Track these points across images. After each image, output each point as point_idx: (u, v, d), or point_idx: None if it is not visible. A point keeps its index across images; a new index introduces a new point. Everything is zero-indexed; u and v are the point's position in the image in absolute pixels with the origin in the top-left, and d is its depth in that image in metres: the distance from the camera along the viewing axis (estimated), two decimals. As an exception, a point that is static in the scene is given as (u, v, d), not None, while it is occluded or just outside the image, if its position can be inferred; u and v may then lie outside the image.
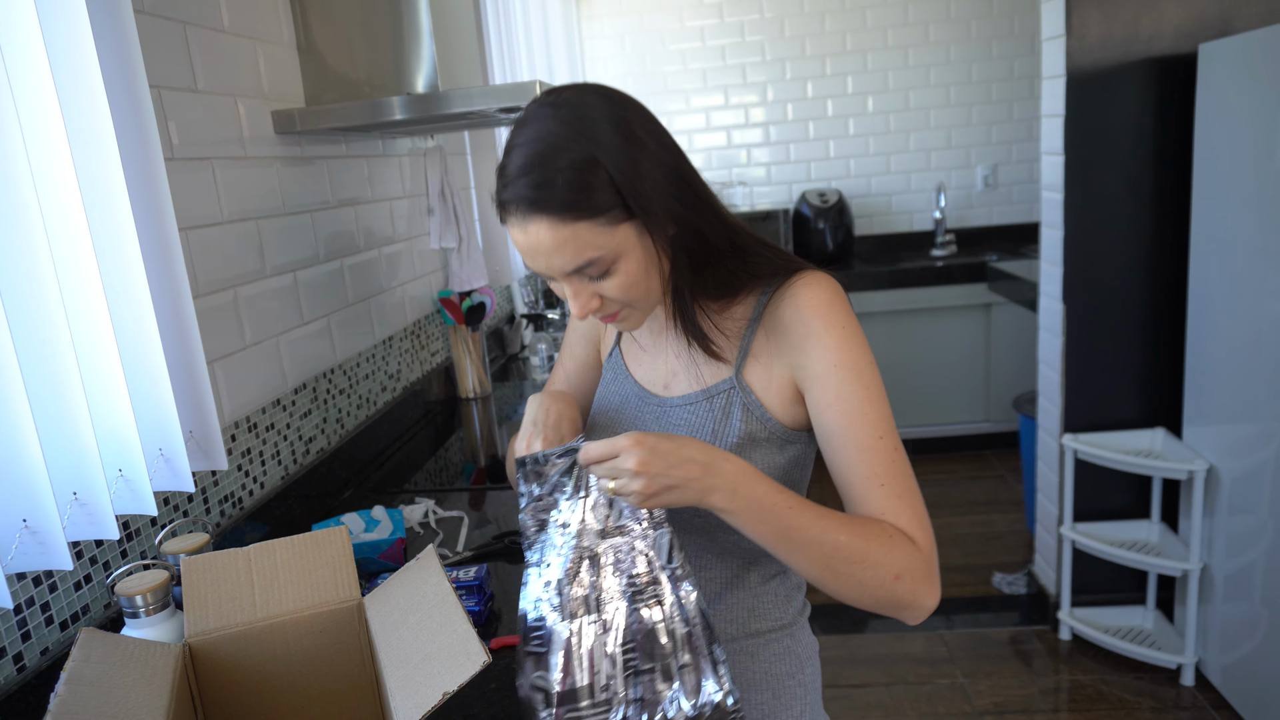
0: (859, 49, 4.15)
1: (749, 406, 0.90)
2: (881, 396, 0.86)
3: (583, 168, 0.77)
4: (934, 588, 0.83)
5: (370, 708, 0.96)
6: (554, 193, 0.77)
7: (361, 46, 1.67)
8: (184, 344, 1.03)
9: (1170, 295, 2.42)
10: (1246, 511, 2.09)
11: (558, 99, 0.81)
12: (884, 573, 0.80)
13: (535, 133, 0.79)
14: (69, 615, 1.01)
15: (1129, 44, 2.31)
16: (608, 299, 0.85)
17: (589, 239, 0.79)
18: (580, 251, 0.80)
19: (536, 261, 0.82)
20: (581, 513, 0.84)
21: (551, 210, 0.77)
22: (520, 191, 0.78)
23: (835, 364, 0.86)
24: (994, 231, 4.27)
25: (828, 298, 0.88)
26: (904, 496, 0.85)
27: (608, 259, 0.81)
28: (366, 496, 1.65)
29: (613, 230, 0.80)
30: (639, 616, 0.81)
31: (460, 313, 2.24)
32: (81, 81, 0.87)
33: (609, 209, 0.79)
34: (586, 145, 0.78)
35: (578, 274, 0.82)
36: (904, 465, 0.86)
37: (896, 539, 0.82)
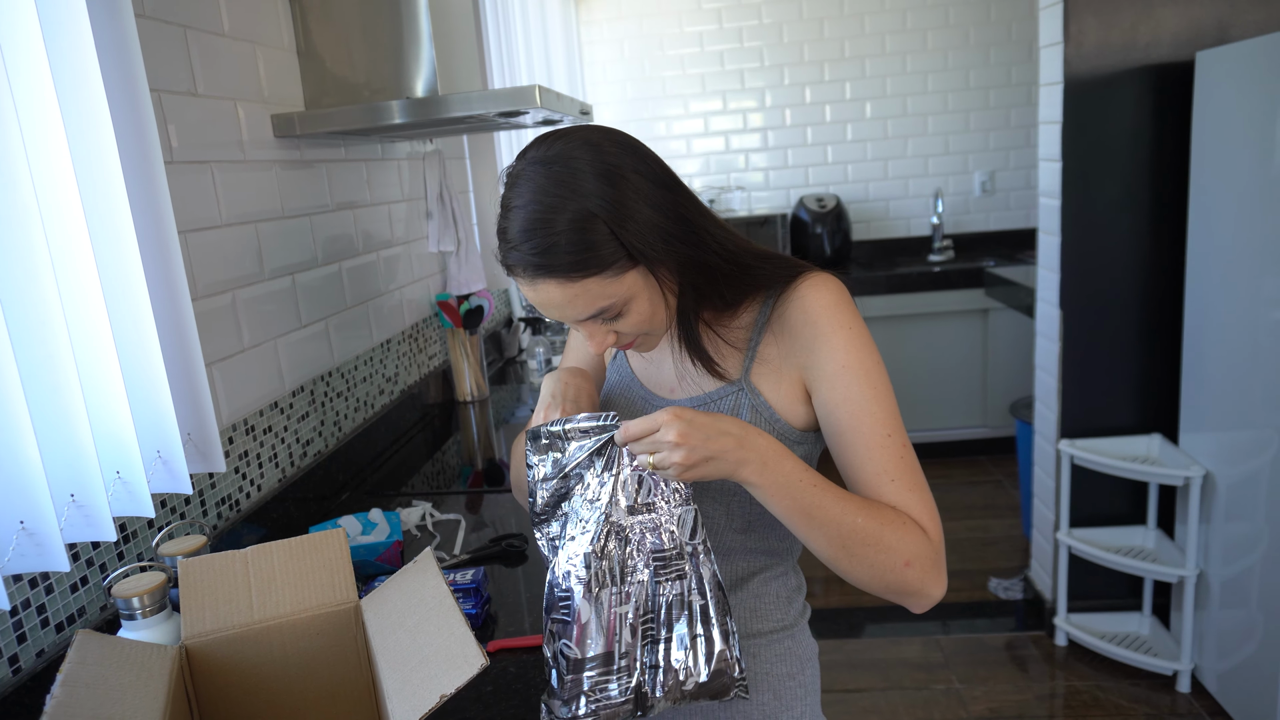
0: (857, 55, 4.16)
1: (757, 408, 0.91)
2: (888, 394, 0.88)
3: (581, 226, 0.78)
4: (941, 578, 0.86)
5: (367, 710, 0.96)
6: (558, 256, 0.78)
7: (361, 50, 1.67)
8: (182, 346, 1.04)
9: (1167, 302, 2.43)
10: (1242, 518, 2.10)
11: (547, 153, 0.81)
12: (896, 558, 0.82)
13: (529, 194, 0.80)
14: (65, 617, 1.01)
15: (1127, 51, 2.32)
16: (622, 334, 0.88)
17: (598, 291, 0.81)
18: (591, 303, 0.82)
19: (550, 312, 0.85)
20: (612, 489, 0.86)
21: (558, 272, 0.79)
22: (525, 257, 0.80)
23: (843, 365, 0.88)
24: (991, 237, 4.28)
25: (834, 298, 0.89)
26: (914, 490, 0.87)
27: (619, 305, 0.83)
28: (364, 499, 1.65)
29: (620, 279, 0.81)
30: (660, 589, 0.86)
31: (458, 316, 2.25)
32: (82, 84, 0.88)
33: (614, 261, 0.80)
34: (581, 201, 0.78)
35: (591, 320, 0.85)
36: (912, 460, 0.88)
37: (910, 527, 0.84)
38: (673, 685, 0.85)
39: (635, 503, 0.86)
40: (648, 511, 0.86)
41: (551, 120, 1.93)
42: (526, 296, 0.85)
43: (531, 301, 0.85)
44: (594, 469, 0.86)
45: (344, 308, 1.79)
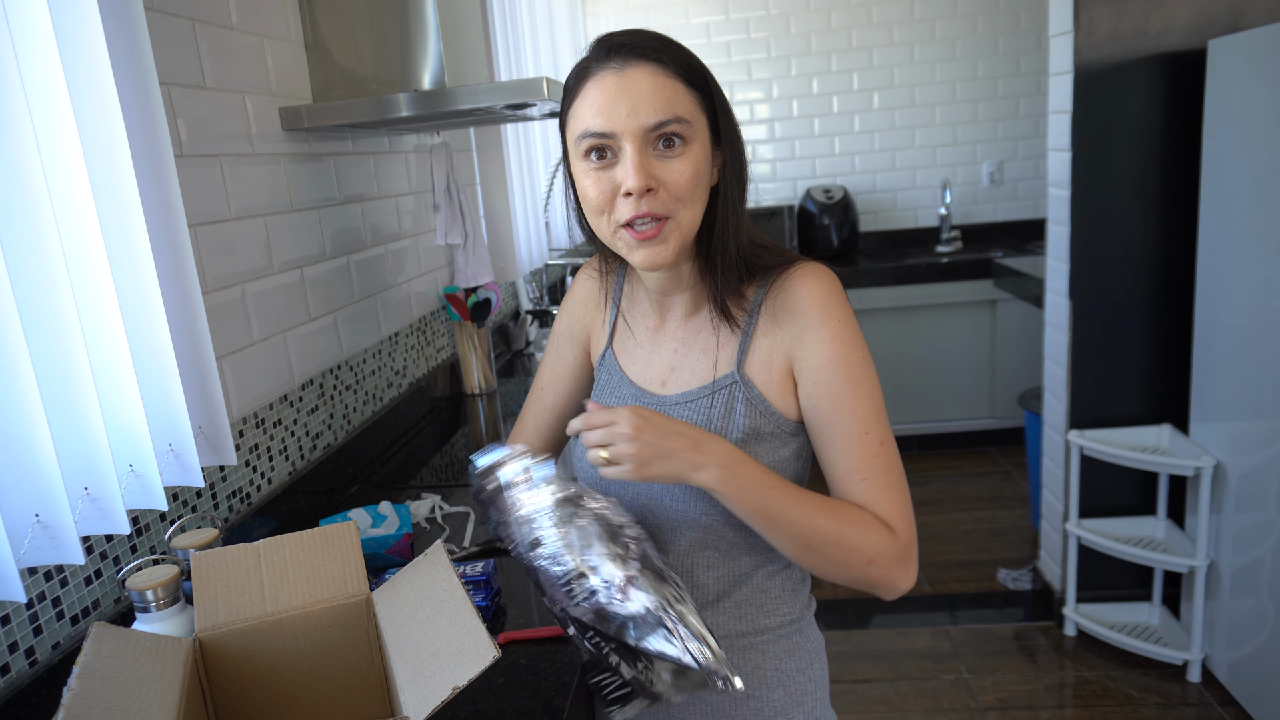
0: (865, 45, 4.14)
1: (752, 401, 0.90)
2: (872, 390, 0.88)
3: (693, 58, 0.85)
4: (908, 571, 0.87)
5: (378, 701, 0.97)
6: (663, 49, 0.82)
7: (368, 43, 1.67)
8: (193, 340, 1.04)
9: (1177, 291, 2.42)
10: (1254, 508, 2.09)
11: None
12: (858, 557, 0.84)
13: (641, 31, 0.86)
14: (79, 610, 1.02)
15: (1138, 39, 2.30)
16: (663, 188, 0.83)
17: (682, 98, 0.82)
18: (672, 105, 0.81)
19: (618, 109, 0.80)
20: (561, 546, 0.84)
21: (660, 58, 0.82)
22: (630, 38, 0.82)
23: (829, 358, 0.87)
24: (999, 228, 4.26)
25: (824, 290, 0.89)
26: (885, 490, 0.87)
27: (688, 130, 0.82)
28: (373, 492, 1.65)
29: (698, 111, 0.84)
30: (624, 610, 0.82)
31: (465, 309, 2.25)
32: (93, 78, 0.88)
33: (699, 89, 0.84)
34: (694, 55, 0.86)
35: (653, 135, 0.81)
36: (888, 458, 0.87)
37: (873, 526, 0.85)
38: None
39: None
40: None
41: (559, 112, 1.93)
42: (598, 93, 0.82)
43: (601, 96, 0.81)
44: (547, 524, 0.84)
45: (352, 301, 1.79)
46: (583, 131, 0.83)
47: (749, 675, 0.97)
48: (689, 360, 0.95)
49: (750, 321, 0.91)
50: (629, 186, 0.82)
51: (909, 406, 3.98)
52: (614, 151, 0.83)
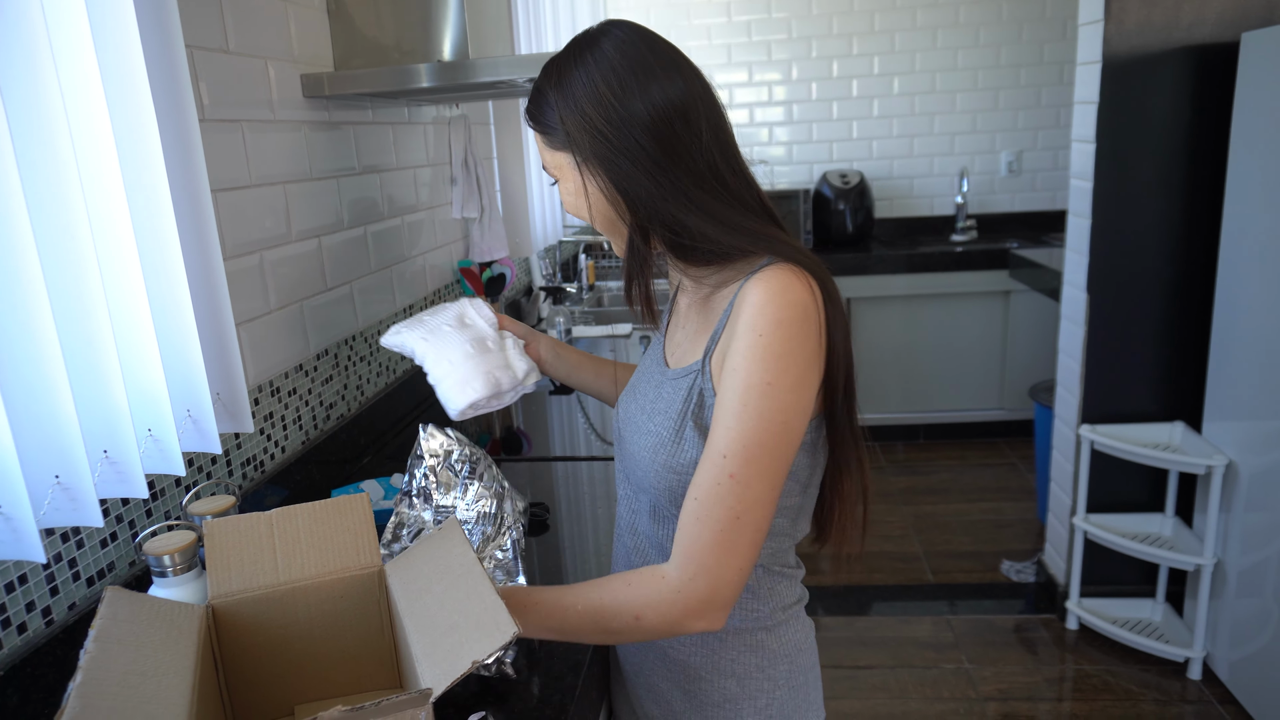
0: (887, 29, 4.09)
1: (704, 392, 0.88)
2: (759, 420, 0.80)
3: (542, 90, 0.90)
4: (693, 612, 0.83)
5: (388, 672, 0.97)
6: (530, 103, 0.93)
7: (391, 12, 1.65)
8: (213, 306, 1.04)
9: (1196, 289, 2.40)
10: (1264, 508, 2.08)
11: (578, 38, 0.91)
12: (625, 618, 0.85)
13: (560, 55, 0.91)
14: (95, 572, 1.02)
15: (1169, 31, 2.26)
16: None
17: (541, 148, 0.94)
18: (540, 153, 0.94)
19: None
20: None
21: (527, 116, 0.94)
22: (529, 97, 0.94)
23: (734, 367, 0.82)
24: (1016, 218, 4.23)
25: (764, 299, 0.81)
26: (701, 520, 0.81)
27: (553, 173, 0.93)
28: (385, 463, 1.65)
29: (553, 153, 0.92)
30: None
31: (480, 283, 2.24)
32: (120, 39, 0.87)
33: (548, 131, 0.91)
34: (553, 77, 0.89)
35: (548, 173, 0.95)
36: (729, 493, 0.80)
37: (637, 582, 0.86)
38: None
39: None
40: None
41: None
42: None
43: None
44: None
45: (368, 272, 1.78)
46: None
47: (701, 659, 0.98)
48: (685, 342, 0.97)
49: (727, 312, 0.88)
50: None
51: (918, 395, 3.97)
52: None
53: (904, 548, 3.14)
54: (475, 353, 1.14)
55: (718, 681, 0.98)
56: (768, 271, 0.83)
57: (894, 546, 3.15)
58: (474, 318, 1.21)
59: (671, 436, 0.90)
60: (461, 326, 1.18)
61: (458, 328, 1.17)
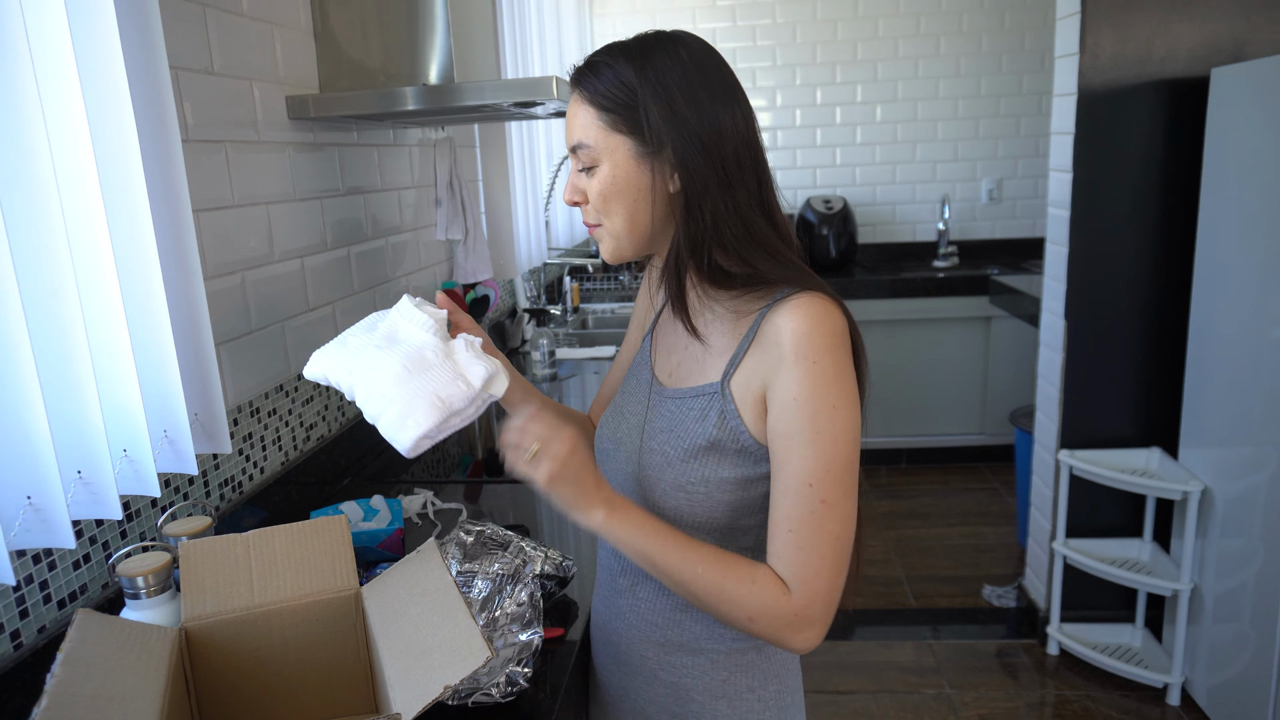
0: (869, 58, 4.15)
1: (725, 414, 0.89)
2: (834, 442, 0.83)
3: (623, 76, 0.86)
4: (802, 634, 0.84)
5: (363, 696, 0.96)
6: (588, 73, 0.89)
7: (377, 35, 1.67)
8: (193, 326, 1.03)
9: (1171, 316, 2.43)
10: (1238, 534, 2.10)
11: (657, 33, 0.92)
12: (738, 611, 0.85)
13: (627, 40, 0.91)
14: (67, 594, 1.01)
15: (1142, 65, 2.31)
16: (589, 200, 0.92)
17: (589, 125, 0.88)
18: (575, 131, 0.89)
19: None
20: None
21: (579, 86, 0.89)
22: (578, 66, 0.91)
23: (794, 397, 0.83)
24: (996, 245, 4.28)
25: (809, 326, 0.83)
26: (806, 550, 0.83)
27: (592, 155, 0.88)
28: (365, 485, 1.64)
29: (607, 133, 0.87)
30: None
31: (464, 305, 2.24)
32: (103, 59, 0.87)
33: (611, 112, 0.87)
34: (639, 67, 0.86)
35: (574, 155, 0.91)
36: (826, 519, 0.83)
37: (761, 583, 0.84)
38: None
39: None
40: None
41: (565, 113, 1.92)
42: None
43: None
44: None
45: (351, 293, 1.78)
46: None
47: (694, 679, 0.98)
48: (688, 361, 0.96)
49: (748, 337, 0.89)
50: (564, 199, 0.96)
51: (900, 419, 3.99)
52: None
53: (886, 572, 3.15)
54: (411, 373, 0.92)
55: (709, 704, 0.98)
56: (802, 300, 0.84)
57: (876, 571, 3.15)
58: (407, 329, 0.97)
59: (680, 456, 0.90)
60: (392, 344, 0.95)
61: (387, 346, 0.95)
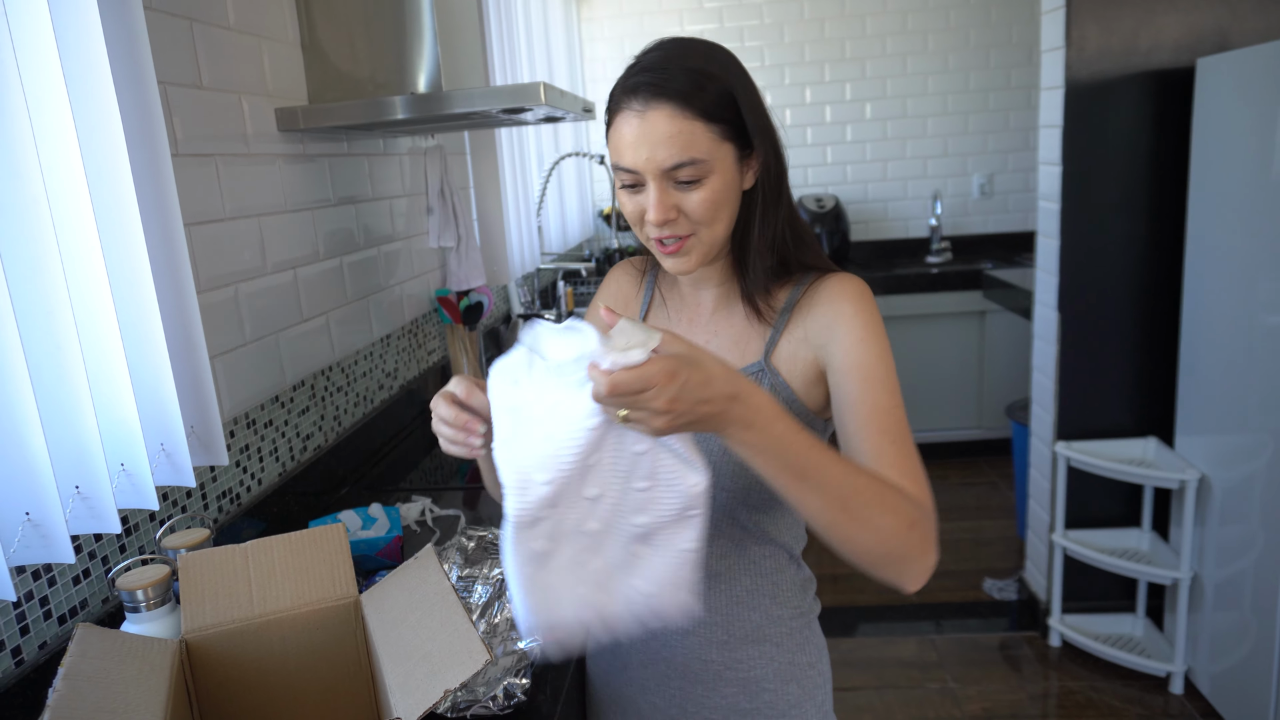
0: (858, 56, 4.17)
1: (776, 388, 0.93)
2: (892, 375, 0.91)
3: (713, 80, 0.84)
4: (936, 549, 0.84)
5: (365, 704, 0.97)
6: (682, 86, 0.83)
7: (365, 45, 1.67)
8: (187, 339, 1.04)
9: (1163, 306, 2.44)
10: (1237, 521, 2.11)
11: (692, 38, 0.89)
12: (901, 519, 0.78)
13: (675, 46, 0.86)
14: (68, 609, 1.01)
15: (1128, 57, 2.33)
16: (684, 216, 0.87)
17: (698, 139, 0.83)
18: (687, 148, 0.83)
19: (639, 151, 0.84)
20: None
21: (676, 100, 0.82)
22: (654, 78, 0.83)
23: (861, 338, 0.90)
24: (989, 239, 4.29)
25: (860, 291, 0.93)
26: (912, 457, 0.87)
27: (704, 168, 0.85)
28: (363, 494, 1.65)
29: (717, 143, 0.85)
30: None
31: (458, 312, 2.25)
32: (91, 75, 0.88)
33: (720, 121, 0.84)
34: (719, 68, 0.86)
35: (672, 174, 0.85)
36: (909, 435, 0.89)
37: (908, 491, 0.84)
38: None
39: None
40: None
41: (554, 118, 1.93)
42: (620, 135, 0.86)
43: (624, 138, 0.85)
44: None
45: (344, 302, 1.79)
46: (615, 163, 0.89)
47: (763, 668, 0.99)
48: (718, 350, 0.98)
49: (782, 319, 0.95)
50: (650, 219, 0.88)
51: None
52: (641, 183, 0.87)
53: (887, 568, 3.15)
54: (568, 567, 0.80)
55: (781, 689, 1.00)
56: (845, 274, 0.95)
57: (877, 567, 3.15)
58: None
59: None
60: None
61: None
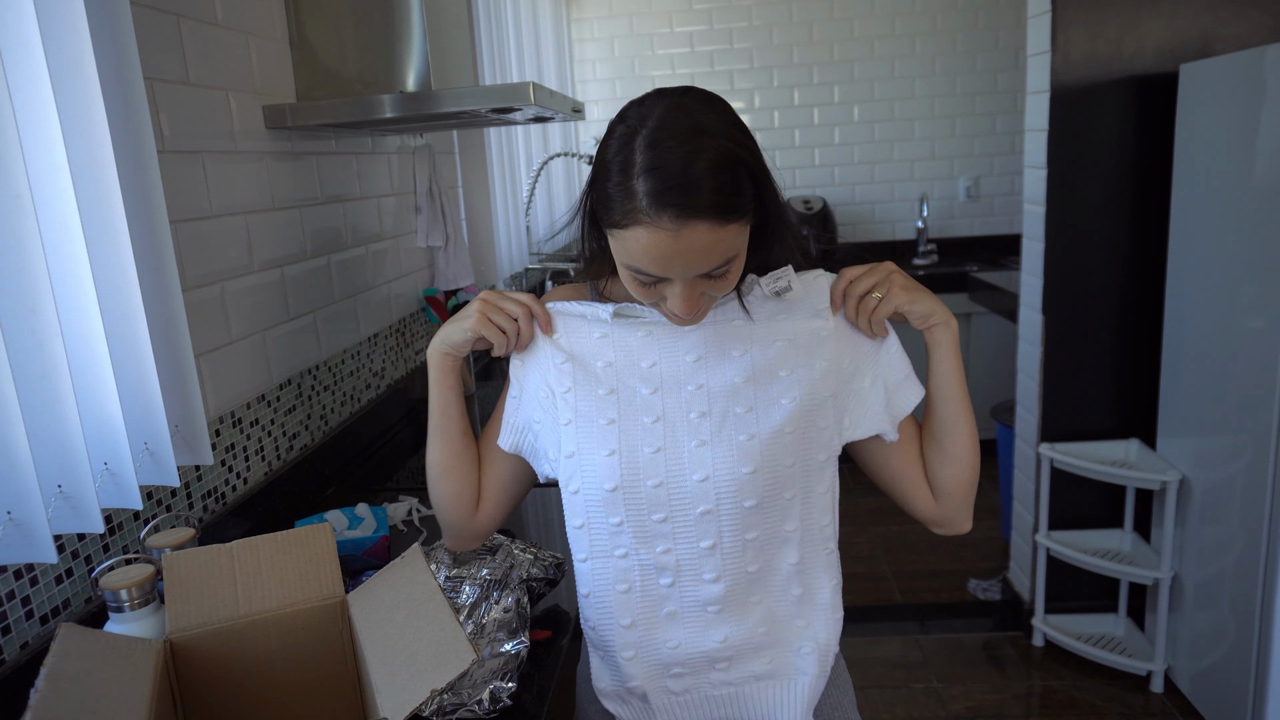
0: (846, 59, 4.18)
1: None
2: None
3: (736, 169, 0.77)
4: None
5: (351, 704, 0.96)
6: (716, 197, 0.75)
7: (353, 43, 1.67)
8: (172, 338, 1.03)
9: (1147, 309, 2.47)
10: (1217, 522, 2.13)
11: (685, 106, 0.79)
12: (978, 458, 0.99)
13: (685, 139, 0.75)
14: (50, 609, 1.00)
15: (1112, 62, 2.35)
16: (709, 297, 0.85)
17: (733, 240, 0.79)
18: (726, 252, 0.79)
19: (672, 266, 0.78)
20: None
21: (711, 215, 0.75)
22: (683, 198, 0.74)
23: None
24: (975, 242, 4.32)
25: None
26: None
27: (736, 259, 0.81)
28: (350, 494, 1.64)
29: (744, 231, 0.81)
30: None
31: (446, 311, 2.24)
32: (77, 71, 0.87)
33: (747, 213, 0.79)
34: (734, 146, 0.77)
35: (707, 274, 0.80)
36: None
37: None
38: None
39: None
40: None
41: (543, 118, 1.93)
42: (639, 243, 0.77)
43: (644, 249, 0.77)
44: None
45: (332, 301, 1.78)
46: (633, 267, 0.81)
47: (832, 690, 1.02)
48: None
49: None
50: (677, 312, 0.83)
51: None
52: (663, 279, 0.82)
53: (872, 568, 3.17)
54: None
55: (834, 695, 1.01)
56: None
57: (863, 568, 3.17)
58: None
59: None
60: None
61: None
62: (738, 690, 0.92)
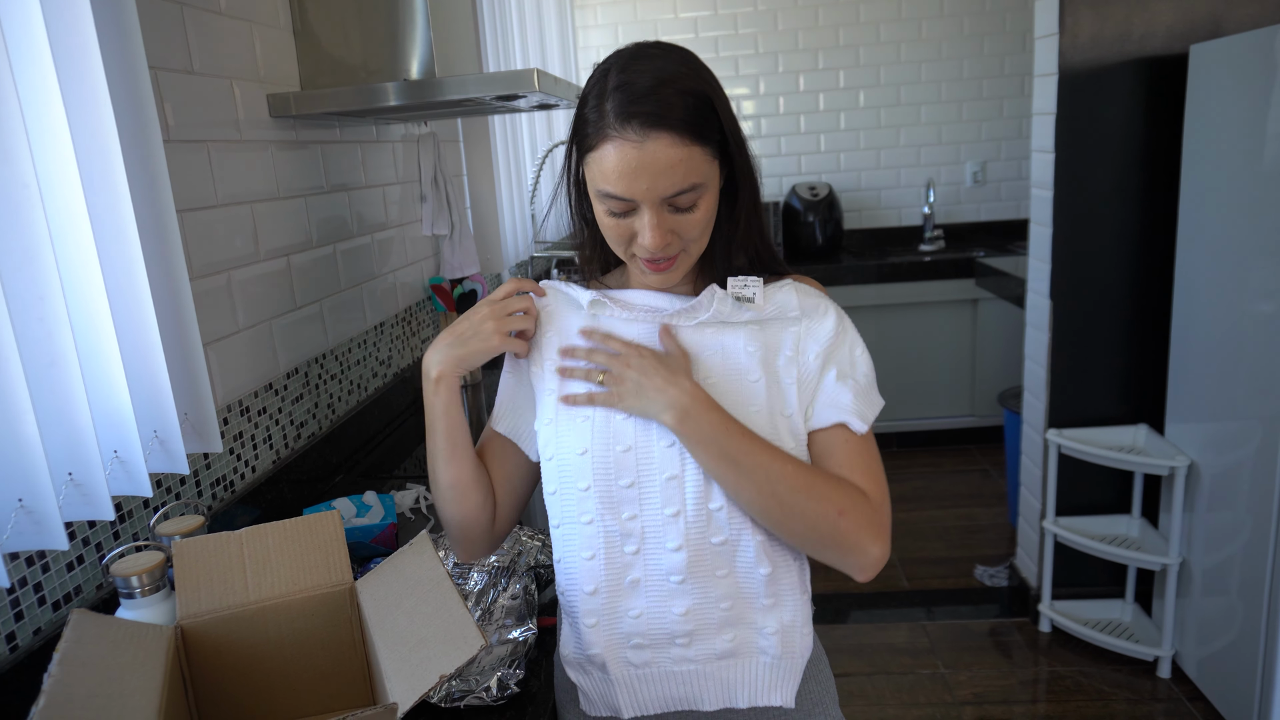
0: (851, 43, 4.15)
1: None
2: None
3: (702, 99, 0.84)
4: (880, 537, 0.86)
5: (360, 690, 0.97)
6: (681, 112, 0.82)
7: (357, 31, 1.66)
8: (180, 326, 1.03)
9: (1155, 293, 2.45)
10: (1225, 507, 2.13)
11: (661, 47, 0.87)
12: (829, 506, 0.84)
13: (655, 66, 0.83)
14: (61, 596, 1.01)
15: (1121, 43, 2.33)
16: (678, 236, 0.88)
17: (697, 164, 0.84)
18: (688, 175, 0.83)
19: (638, 182, 0.83)
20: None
21: (676, 128, 0.81)
22: (649, 107, 0.81)
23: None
24: (982, 227, 4.30)
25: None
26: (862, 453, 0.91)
27: (701, 190, 0.85)
28: (358, 482, 1.65)
29: (710, 163, 0.85)
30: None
31: (451, 300, 2.24)
32: (82, 61, 0.87)
33: (713, 141, 0.85)
34: (703, 84, 0.85)
35: (672, 200, 0.85)
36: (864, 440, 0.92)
37: (844, 481, 0.87)
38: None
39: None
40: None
41: (548, 105, 1.92)
42: (617, 162, 0.82)
43: (622, 166, 0.82)
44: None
45: (338, 290, 1.78)
46: (602, 190, 0.86)
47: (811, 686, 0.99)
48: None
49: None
50: (646, 245, 0.87)
51: (890, 404, 3.99)
52: (633, 209, 0.87)
53: (879, 555, 3.17)
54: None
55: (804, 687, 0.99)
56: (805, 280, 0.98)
57: (869, 554, 3.17)
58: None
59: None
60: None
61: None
62: (699, 669, 0.90)
